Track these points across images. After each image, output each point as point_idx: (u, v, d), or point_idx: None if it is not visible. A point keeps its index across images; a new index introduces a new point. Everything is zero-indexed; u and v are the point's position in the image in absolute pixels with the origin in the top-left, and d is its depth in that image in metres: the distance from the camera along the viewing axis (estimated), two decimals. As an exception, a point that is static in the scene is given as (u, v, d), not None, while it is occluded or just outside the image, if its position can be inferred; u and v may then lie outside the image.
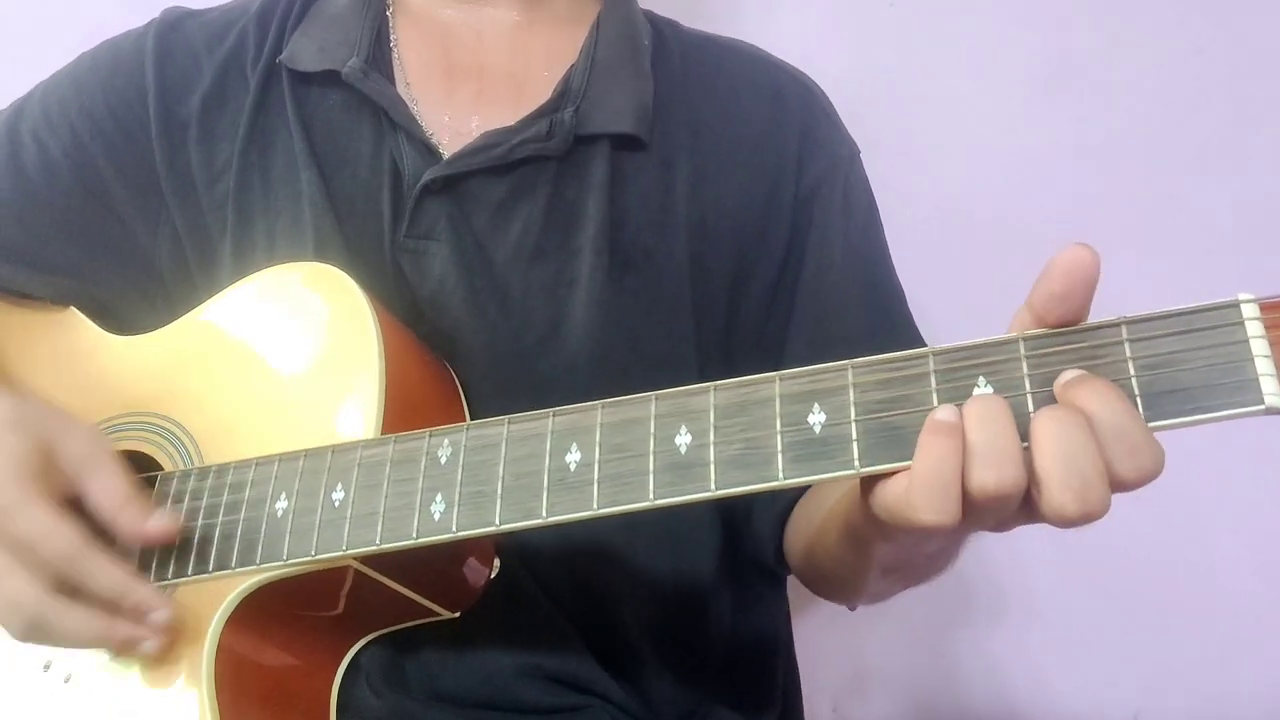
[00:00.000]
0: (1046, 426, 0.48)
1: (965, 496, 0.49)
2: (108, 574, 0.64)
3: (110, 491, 0.66)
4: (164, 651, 0.67)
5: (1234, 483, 1.19)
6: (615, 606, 0.81)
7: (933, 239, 1.18)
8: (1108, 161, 1.21)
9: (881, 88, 1.22)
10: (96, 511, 0.66)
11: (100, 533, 0.66)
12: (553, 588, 0.79)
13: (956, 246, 1.21)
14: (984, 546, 0.65)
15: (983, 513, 0.50)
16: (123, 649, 0.67)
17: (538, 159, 0.80)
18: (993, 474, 0.48)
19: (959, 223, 1.22)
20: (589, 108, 0.81)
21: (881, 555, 0.63)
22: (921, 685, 1.27)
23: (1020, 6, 1.21)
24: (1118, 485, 0.48)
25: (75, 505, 0.66)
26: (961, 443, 0.49)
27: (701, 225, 0.82)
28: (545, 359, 0.79)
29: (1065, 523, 0.48)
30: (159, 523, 0.66)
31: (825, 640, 1.23)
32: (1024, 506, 0.50)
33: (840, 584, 0.77)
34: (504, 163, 0.79)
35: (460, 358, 0.80)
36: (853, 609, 0.87)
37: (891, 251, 0.89)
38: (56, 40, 0.92)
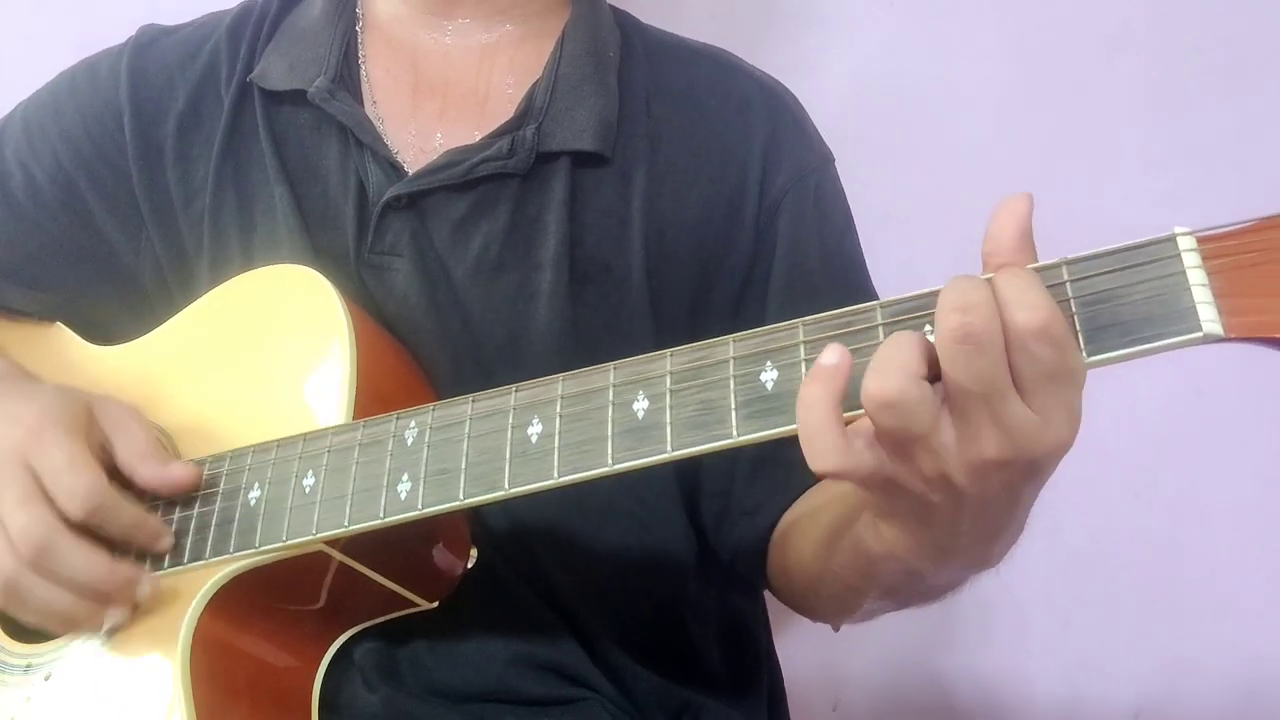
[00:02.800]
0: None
1: (874, 442, 0.50)
2: (90, 552, 0.68)
3: (134, 443, 0.72)
4: (141, 644, 0.68)
5: (1233, 480, 1.18)
6: (585, 603, 0.81)
7: (931, 239, 1.17)
8: (1107, 161, 1.20)
9: (881, 88, 1.22)
10: (119, 463, 0.71)
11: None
12: (529, 578, 0.80)
13: (955, 247, 1.21)
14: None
15: (891, 440, 0.49)
16: (87, 623, 0.69)
17: (499, 176, 0.81)
18: (875, 380, 0.48)
19: (959, 223, 1.22)
20: (551, 125, 0.82)
21: (884, 574, 0.62)
22: (916, 684, 1.25)
23: (1019, 7, 1.22)
24: (1019, 342, 0.47)
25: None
26: (838, 387, 0.49)
27: (659, 238, 0.82)
28: (506, 371, 0.79)
29: (946, 327, 0.47)
30: (180, 470, 0.71)
31: (818, 635, 1.22)
32: (969, 463, 0.49)
33: (833, 601, 0.76)
34: (464, 180, 0.80)
35: (423, 370, 0.80)
36: (836, 629, 0.87)
37: (891, 252, 0.88)
38: (51, 43, 0.94)
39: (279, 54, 0.86)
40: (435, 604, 0.75)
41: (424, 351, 0.80)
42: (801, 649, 0.93)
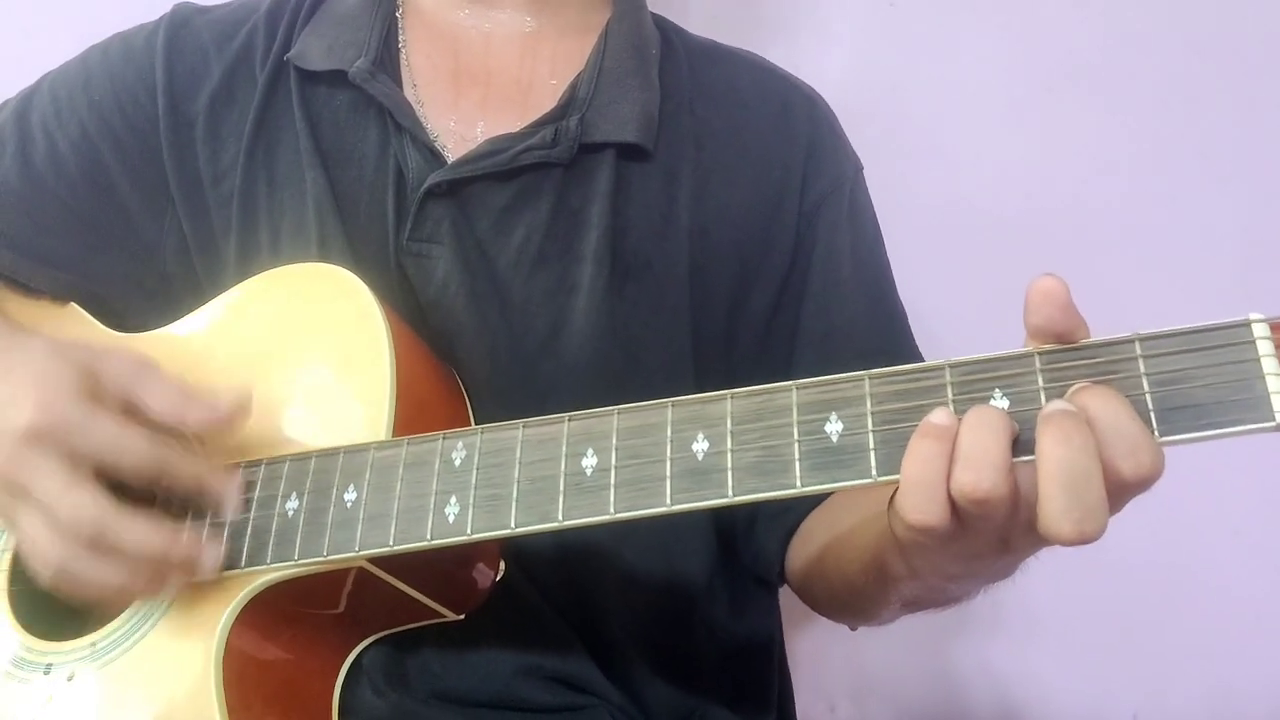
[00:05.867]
0: (1049, 441, 0.48)
1: (953, 502, 0.50)
2: (148, 522, 0.63)
3: (167, 393, 0.65)
4: (171, 649, 0.67)
5: (1232, 485, 1.19)
6: (606, 610, 0.81)
7: (933, 240, 1.18)
8: (1108, 162, 1.21)
9: (882, 88, 1.22)
10: (159, 417, 0.65)
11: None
12: (548, 590, 0.80)
13: (957, 247, 1.22)
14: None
15: (973, 520, 0.51)
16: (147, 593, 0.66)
17: (542, 166, 0.81)
18: (970, 476, 0.49)
19: (959, 224, 1.22)
20: (594, 116, 0.82)
21: (905, 591, 0.64)
22: (919, 687, 1.28)
23: (1021, 7, 1.22)
24: (1118, 486, 0.49)
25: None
26: (950, 447, 0.50)
27: (704, 236, 0.83)
28: (544, 364, 0.80)
29: (1060, 539, 0.49)
30: (228, 400, 0.65)
31: (824, 645, 1.24)
32: (1027, 524, 0.51)
33: (853, 609, 0.78)
34: (507, 169, 0.80)
35: (460, 361, 0.80)
36: (853, 629, 0.88)
37: (893, 253, 0.89)
38: (58, 35, 0.91)
39: (317, 35, 0.85)
40: (462, 616, 0.75)
41: (462, 341, 0.80)
42: (799, 653, 0.95)
